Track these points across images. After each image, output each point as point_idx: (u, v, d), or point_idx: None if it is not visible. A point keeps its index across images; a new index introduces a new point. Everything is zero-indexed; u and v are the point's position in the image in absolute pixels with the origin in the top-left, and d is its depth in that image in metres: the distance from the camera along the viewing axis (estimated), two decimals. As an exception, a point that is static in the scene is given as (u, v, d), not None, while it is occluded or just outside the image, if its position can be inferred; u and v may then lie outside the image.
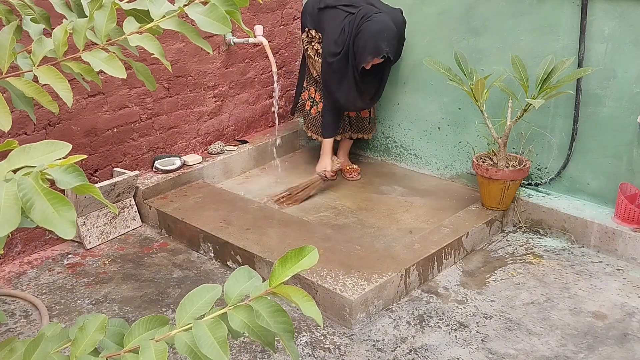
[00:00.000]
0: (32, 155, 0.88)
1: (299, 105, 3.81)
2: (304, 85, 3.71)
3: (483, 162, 3.13)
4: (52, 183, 0.91)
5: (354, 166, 3.77)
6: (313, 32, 3.53)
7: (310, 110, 3.68)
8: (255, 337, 0.97)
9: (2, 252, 1.35)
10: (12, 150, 0.93)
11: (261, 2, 3.75)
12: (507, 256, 2.98)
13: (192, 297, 1.00)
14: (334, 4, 3.41)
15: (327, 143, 3.57)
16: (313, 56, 3.55)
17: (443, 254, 2.84)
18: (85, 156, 0.96)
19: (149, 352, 0.91)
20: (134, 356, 0.94)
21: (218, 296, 1.02)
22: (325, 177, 3.51)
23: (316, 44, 3.54)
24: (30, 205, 0.82)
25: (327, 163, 3.54)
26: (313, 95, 3.66)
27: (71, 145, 0.92)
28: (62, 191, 2.32)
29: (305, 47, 3.59)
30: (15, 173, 0.86)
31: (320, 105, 3.62)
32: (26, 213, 0.83)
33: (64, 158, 0.89)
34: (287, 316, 0.96)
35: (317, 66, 3.54)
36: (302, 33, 3.62)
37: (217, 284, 1.04)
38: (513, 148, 3.26)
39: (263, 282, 1.03)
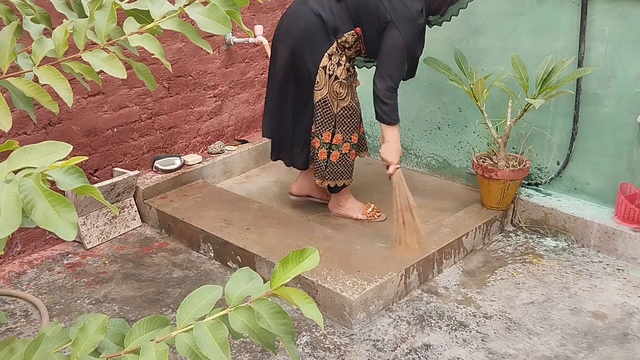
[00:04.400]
0: (32, 156, 0.88)
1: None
2: (312, 132, 2.98)
3: (483, 162, 3.13)
4: (52, 184, 0.91)
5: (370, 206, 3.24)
6: (348, 36, 2.84)
7: (328, 158, 3.02)
8: (256, 338, 0.97)
9: (3, 252, 1.35)
10: (12, 150, 0.93)
11: (261, 2, 3.74)
12: (507, 256, 2.98)
13: (192, 298, 1.00)
14: None
15: (396, 130, 2.92)
16: (345, 79, 2.90)
17: (443, 254, 2.84)
18: (87, 157, 0.96)
19: (150, 352, 0.91)
20: (135, 357, 0.94)
21: (219, 297, 1.02)
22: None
23: (347, 53, 2.90)
24: (31, 206, 0.82)
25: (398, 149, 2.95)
26: (329, 140, 2.98)
27: (72, 146, 0.92)
28: (62, 191, 2.32)
29: (331, 73, 2.86)
30: (15, 174, 0.86)
31: (345, 146, 3.01)
32: (27, 214, 0.83)
33: (65, 159, 0.89)
34: (288, 318, 0.96)
35: (348, 94, 2.93)
36: (321, 57, 2.83)
37: (217, 285, 1.05)
38: (513, 148, 3.26)
39: (263, 282, 1.04)
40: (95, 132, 3.18)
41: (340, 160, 3.04)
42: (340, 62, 2.87)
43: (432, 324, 2.48)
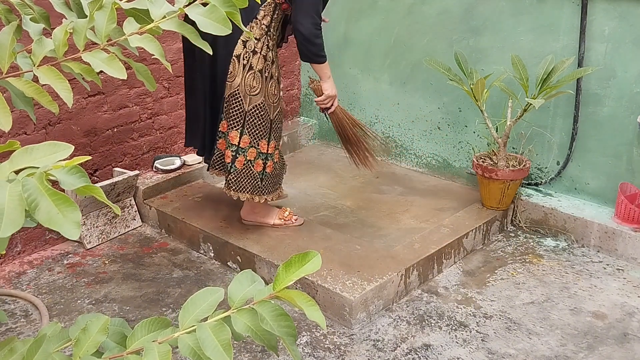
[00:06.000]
0: (34, 156, 0.88)
1: (232, 166, 2.78)
2: (249, 144, 2.73)
3: (483, 162, 3.13)
4: (54, 183, 0.91)
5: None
6: (265, 8, 2.62)
7: (264, 170, 2.80)
8: (259, 340, 0.97)
9: (4, 252, 1.35)
10: (14, 151, 0.93)
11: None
12: (507, 256, 2.98)
13: (195, 299, 1.00)
14: None
15: (327, 65, 2.78)
16: (260, 71, 2.67)
17: (443, 254, 2.84)
18: (90, 157, 0.96)
19: (153, 353, 0.91)
20: (137, 358, 0.94)
21: (221, 299, 1.02)
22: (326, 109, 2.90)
23: (269, 35, 2.67)
24: (35, 205, 0.82)
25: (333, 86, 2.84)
26: (265, 149, 2.76)
27: (73, 147, 0.92)
28: (63, 191, 2.32)
29: (245, 63, 2.64)
30: (17, 174, 0.86)
31: (277, 154, 2.82)
32: (30, 214, 0.83)
33: (66, 159, 0.89)
34: (291, 320, 0.96)
35: (262, 91, 2.70)
36: (235, 44, 2.62)
37: (219, 287, 1.05)
38: (513, 148, 3.26)
39: (264, 283, 1.04)
40: (95, 132, 3.18)
41: (245, 167, 2.76)
42: (256, 49, 2.64)
43: (432, 324, 2.48)
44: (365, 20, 3.77)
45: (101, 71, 1.24)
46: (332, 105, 2.86)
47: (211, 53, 1.28)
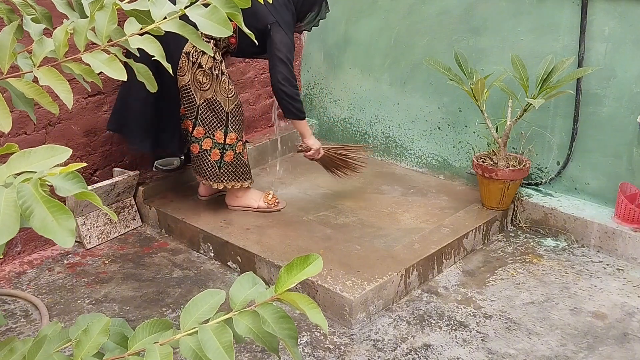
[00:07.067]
0: (32, 160, 0.88)
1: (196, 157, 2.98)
2: (203, 134, 2.91)
3: (483, 162, 3.13)
4: (52, 188, 0.90)
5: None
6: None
7: (222, 158, 2.96)
8: (260, 342, 0.97)
9: (2, 256, 1.35)
10: (12, 153, 0.92)
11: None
12: (507, 256, 2.98)
13: (196, 301, 1.00)
14: None
15: (305, 123, 3.07)
16: (209, 69, 2.83)
17: (443, 254, 2.84)
18: (86, 164, 0.95)
19: (154, 355, 0.91)
20: (138, 359, 0.94)
21: (222, 301, 1.02)
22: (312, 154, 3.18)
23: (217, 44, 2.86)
24: (29, 213, 0.82)
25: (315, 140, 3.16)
26: (222, 140, 2.92)
27: (71, 150, 0.92)
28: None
29: (194, 60, 2.79)
30: (15, 178, 0.86)
31: (239, 145, 2.97)
32: (25, 220, 0.83)
33: (64, 163, 0.89)
34: (292, 322, 0.96)
35: (211, 87, 2.85)
36: (185, 43, 2.75)
37: (220, 290, 1.05)
38: (513, 148, 3.27)
39: (264, 283, 1.04)
40: (95, 132, 3.17)
41: (200, 155, 2.94)
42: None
43: (432, 324, 2.49)
44: (365, 20, 3.77)
45: (101, 72, 1.24)
46: (319, 153, 3.18)
47: (211, 53, 1.28)
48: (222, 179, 3.02)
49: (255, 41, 1.49)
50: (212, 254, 2.99)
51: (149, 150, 3.12)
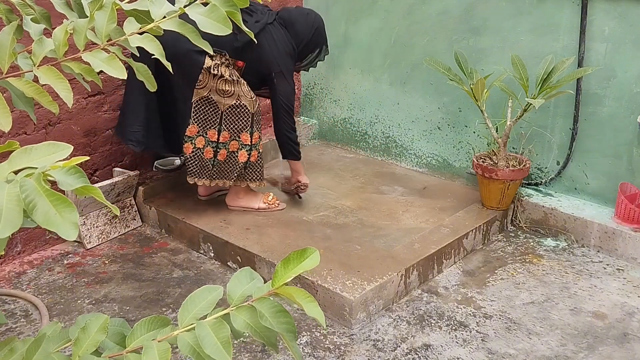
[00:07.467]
0: (33, 157, 0.88)
1: (207, 161, 2.98)
2: (229, 138, 2.96)
3: (483, 162, 3.13)
4: (53, 184, 0.91)
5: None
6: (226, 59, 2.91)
7: (249, 160, 3.02)
8: (258, 337, 0.97)
9: (3, 252, 1.35)
10: (13, 151, 0.93)
11: (261, 2, 3.74)
12: (507, 256, 2.98)
13: (194, 297, 1.00)
14: None
15: (300, 163, 3.22)
16: (242, 79, 2.95)
17: (443, 254, 2.84)
18: (88, 157, 0.96)
19: (152, 352, 0.91)
20: (137, 356, 0.94)
21: (220, 297, 1.02)
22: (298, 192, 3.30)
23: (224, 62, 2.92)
24: (32, 206, 0.82)
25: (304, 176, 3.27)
26: (249, 141, 2.99)
27: (72, 147, 0.92)
28: (62, 191, 2.32)
29: (215, 73, 2.86)
30: (16, 174, 0.86)
31: (261, 144, 3.08)
32: (28, 214, 0.83)
33: (65, 159, 0.89)
34: (290, 316, 0.96)
35: (249, 90, 2.97)
36: (204, 58, 2.83)
37: (218, 285, 1.05)
38: (513, 148, 3.27)
39: (264, 283, 1.04)
40: (95, 132, 3.18)
41: (228, 158, 3.00)
42: (223, 60, 2.89)
43: (432, 324, 2.49)
44: (365, 20, 3.77)
45: (101, 71, 1.25)
46: (305, 187, 3.28)
47: (211, 52, 1.28)
48: (246, 178, 3.09)
49: (254, 40, 1.51)
50: (212, 254, 2.99)
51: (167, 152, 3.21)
